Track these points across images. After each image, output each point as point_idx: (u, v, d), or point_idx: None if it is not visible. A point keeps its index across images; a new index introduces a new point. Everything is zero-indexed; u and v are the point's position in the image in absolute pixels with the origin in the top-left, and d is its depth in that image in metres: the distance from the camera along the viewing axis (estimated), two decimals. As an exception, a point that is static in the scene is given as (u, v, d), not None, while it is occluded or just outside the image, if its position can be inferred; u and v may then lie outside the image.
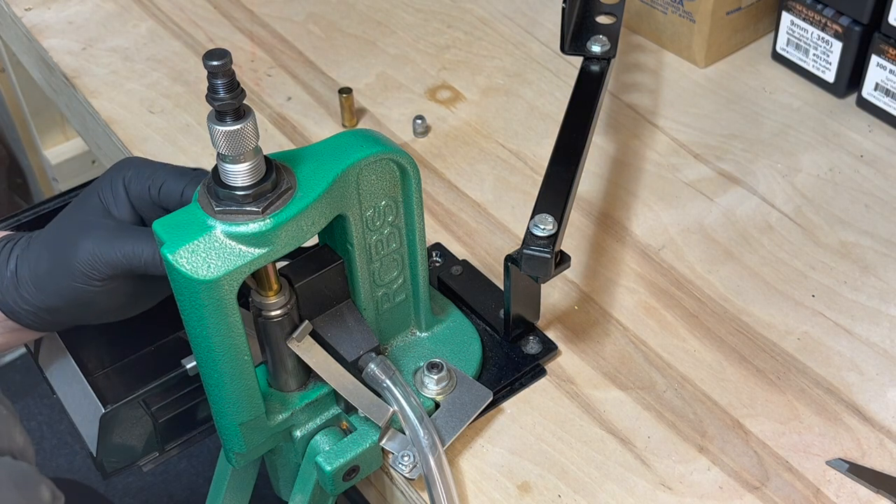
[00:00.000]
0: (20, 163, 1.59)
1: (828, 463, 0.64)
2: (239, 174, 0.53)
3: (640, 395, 0.68)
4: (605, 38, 0.78)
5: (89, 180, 0.80)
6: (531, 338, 0.70)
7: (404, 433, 0.62)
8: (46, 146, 1.45)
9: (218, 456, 0.66)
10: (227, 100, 0.51)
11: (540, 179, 0.67)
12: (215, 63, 0.50)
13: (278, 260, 0.56)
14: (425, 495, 0.62)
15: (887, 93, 0.85)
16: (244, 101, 0.52)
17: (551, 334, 0.71)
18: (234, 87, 0.51)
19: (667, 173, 0.84)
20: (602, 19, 0.81)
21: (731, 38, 0.94)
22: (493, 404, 0.67)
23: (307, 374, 0.63)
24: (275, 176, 0.54)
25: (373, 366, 0.61)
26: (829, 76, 0.89)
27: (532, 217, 0.63)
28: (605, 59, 0.77)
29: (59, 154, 1.45)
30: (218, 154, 0.53)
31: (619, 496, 0.63)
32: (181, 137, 0.88)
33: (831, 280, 0.75)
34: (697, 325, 0.72)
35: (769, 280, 0.75)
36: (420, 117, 0.87)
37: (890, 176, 0.83)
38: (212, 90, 0.51)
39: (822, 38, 0.88)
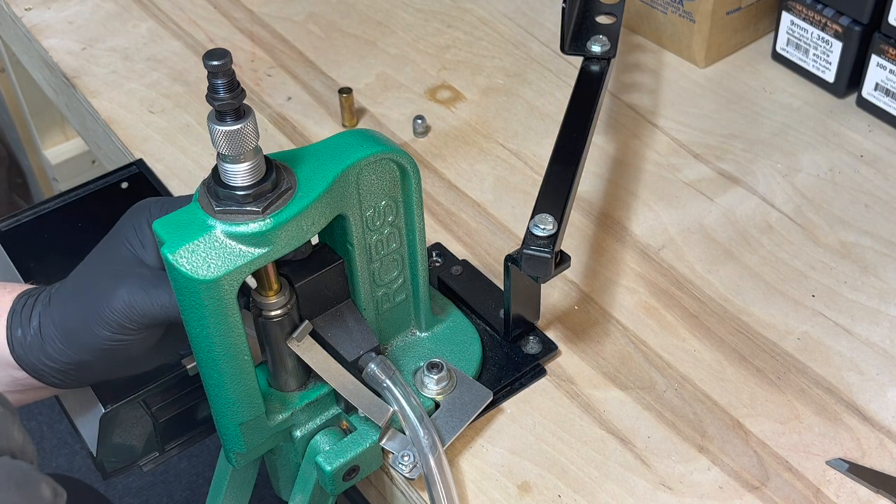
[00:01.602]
0: (20, 163, 1.59)
1: (828, 463, 0.64)
2: (239, 174, 0.53)
3: (640, 395, 0.68)
4: (605, 38, 0.78)
5: (88, 180, 0.80)
6: (531, 338, 0.70)
7: (404, 433, 0.62)
8: (46, 146, 1.44)
9: (218, 456, 0.66)
10: (227, 100, 0.51)
11: (540, 179, 0.67)
12: (215, 63, 0.50)
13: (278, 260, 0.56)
14: (425, 495, 0.62)
15: (887, 93, 0.85)
16: (244, 101, 0.52)
17: (551, 334, 0.71)
18: (234, 87, 0.51)
19: (667, 173, 0.84)
20: (602, 19, 0.81)
21: (731, 38, 0.94)
22: (493, 404, 0.67)
23: (307, 374, 0.63)
24: (275, 176, 0.54)
25: (373, 366, 0.61)
26: (829, 76, 0.89)
27: (532, 217, 0.63)
28: (605, 59, 0.77)
29: (59, 154, 1.45)
30: (218, 154, 0.53)
31: (619, 496, 0.63)
32: (181, 137, 0.88)
33: (831, 280, 0.75)
34: (697, 325, 0.72)
35: (769, 280, 0.75)
36: (420, 117, 0.87)
37: (890, 176, 0.83)
38: (212, 90, 0.51)
39: (822, 38, 0.87)
